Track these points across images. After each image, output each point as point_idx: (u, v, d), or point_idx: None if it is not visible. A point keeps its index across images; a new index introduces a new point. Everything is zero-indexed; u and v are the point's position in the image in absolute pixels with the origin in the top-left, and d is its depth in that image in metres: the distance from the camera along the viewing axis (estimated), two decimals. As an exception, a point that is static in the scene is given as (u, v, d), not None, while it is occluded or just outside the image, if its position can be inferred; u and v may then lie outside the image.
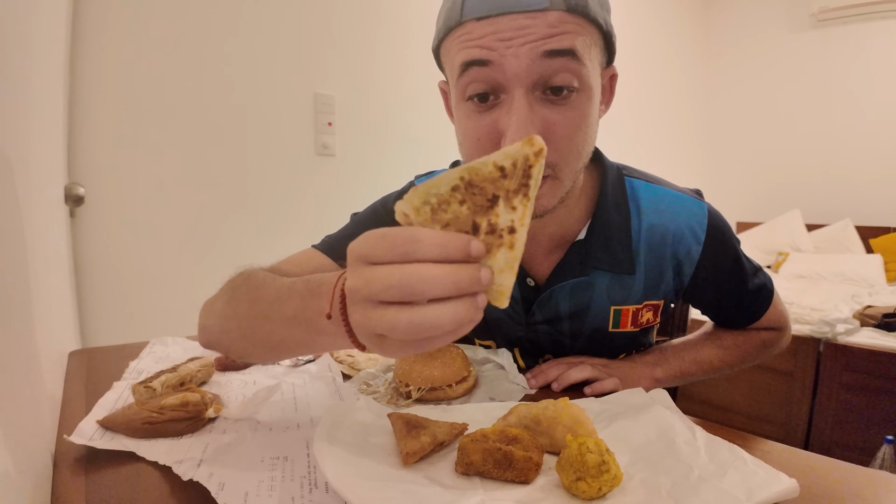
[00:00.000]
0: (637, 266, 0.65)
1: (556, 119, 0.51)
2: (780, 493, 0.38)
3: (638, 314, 0.68)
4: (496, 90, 0.52)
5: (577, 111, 0.52)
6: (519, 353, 0.74)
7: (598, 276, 0.66)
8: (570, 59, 0.49)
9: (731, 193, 3.89)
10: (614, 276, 0.65)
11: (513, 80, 0.49)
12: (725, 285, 0.72)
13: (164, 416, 0.50)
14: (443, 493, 0.39)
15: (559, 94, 0.51)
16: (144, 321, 1.54)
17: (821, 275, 2.89)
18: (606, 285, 0.66)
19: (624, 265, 0.64)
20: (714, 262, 0.68)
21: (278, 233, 1.80)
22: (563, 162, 0.54)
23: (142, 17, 1.50)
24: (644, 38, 3.35)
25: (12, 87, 0.51)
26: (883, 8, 3.09)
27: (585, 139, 0.55)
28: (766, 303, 0.76)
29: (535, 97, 0.51)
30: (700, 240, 0.66)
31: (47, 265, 0.71)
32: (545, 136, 0.50)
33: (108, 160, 1.47)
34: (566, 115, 0.51)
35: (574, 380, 0.64)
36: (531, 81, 0.50)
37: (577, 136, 0.53)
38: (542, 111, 0.51)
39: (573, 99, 0.51)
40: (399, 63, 2.11)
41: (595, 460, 0.39)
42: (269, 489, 0.41)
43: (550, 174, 0.54)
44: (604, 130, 0.66)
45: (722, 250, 0.69)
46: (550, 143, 0.50)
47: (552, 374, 0.65)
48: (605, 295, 0.66)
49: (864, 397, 1.82)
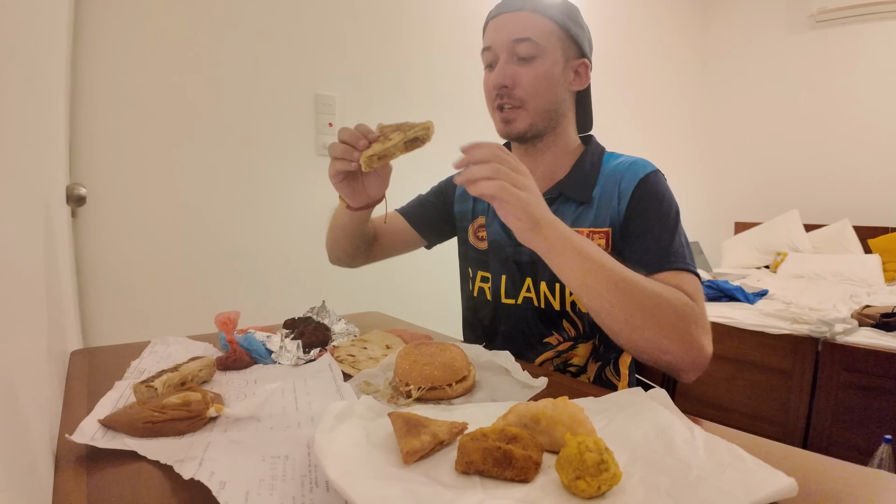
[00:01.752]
0: (593, 199, 0.85)
1: (522, 72, 0.82)
2: (778, 492, 0.38)
3: (590, 237, 0.83)
4: (494, 62, 0.84)
5: (536, 69, 0.82)
6: (505, 281, 0.91)
7: (567, 205, 0.87)
8: (530, 42, 0.81)
9: (730, 193, 3.90)
10: (577, 205, 0.86)
11: (499, 52, 0.83)
12: (645, 225, 0.79)
13: (166, 415, 0.51)
14: (443, 492, 0.40)
15: (524, 60, 0.82)
16: (146, 320, 1.54)
17: (819, 275, 2.90)
18: (569, 212, 0.86)
19: (583, 195, 0.85)
20: (642, 201, 0.81)
21: (279, 233, 1.80)
22: (527, 98, 0.83)
23: (143, 18, 1.51)
24: (643, 38, 3.35)
25: (13, 88, 0.51)
26: (882, 9, 3.09)
27: (547, 88, 0.83)
28: (675, 264, 0.73)
29: (513, 60, 0.83)
30: (636, 180, 0.82)
31: (49, 265, 0.71)
32: (515, 80, 0.82)
33: (110, 161, 1.47)
34: (529, 70, 0.82)
35: (473, 177, 0.63)
36: (508, 52, 0.82)
37: (536, 83, 0.82)
38: (514, 67, 0.82)
39: (534, 63, 0.82)
40: (399, 64, 2.12)
41: (594, 459, 0.39)
42: (269, 488, 0.41)
43: (520, 106, 0.83)
44: (604, 130, 0.73)
45: (652, 193, 0.81)
46: (519, 85, 0.82)
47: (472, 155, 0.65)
48: (568, 219, 0.85)
49: (862, 397, 1.83)
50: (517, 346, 0.87)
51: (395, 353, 0.68)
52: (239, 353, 0.74)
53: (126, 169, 1.51)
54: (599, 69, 3.10)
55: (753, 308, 2.28)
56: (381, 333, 0.86)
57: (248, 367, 0.73)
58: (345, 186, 0.80)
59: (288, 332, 0.82)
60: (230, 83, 1.69)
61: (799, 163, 3.52)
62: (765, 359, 2.07)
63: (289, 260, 1.81)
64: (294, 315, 0.91)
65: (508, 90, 0.83)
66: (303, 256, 1.82)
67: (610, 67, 3.11)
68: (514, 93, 0.83)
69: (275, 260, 1.80)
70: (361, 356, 0.75)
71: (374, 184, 0.82)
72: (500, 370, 0.70)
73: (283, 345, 0.76)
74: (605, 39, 3.06)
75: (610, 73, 3.11)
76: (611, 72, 3.12)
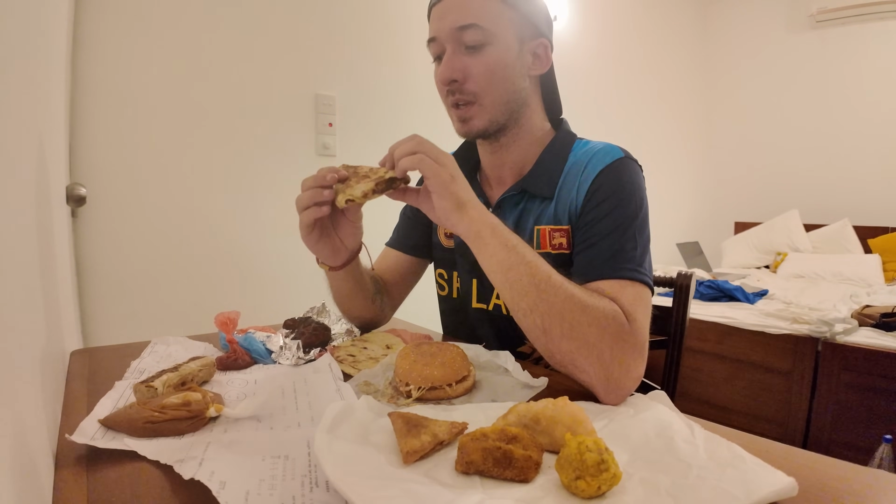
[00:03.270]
0: (556, 193, 0.78)
1: (472, 63, 0.74)
2: (778, 491, 0.38)
3: (550, 236, 0.78)
4: (442, 52, 0.76)
5: (487, 58, 0.74)
6: (476, 284, 0.86)
7: (532, 202, 0.80)
8: (475, 28, 0.72)
9: (730, 193, 3.90)
10: (540, 200, 0.79)
11: (444, 42, 0.75)
12: (595, 221, 0.71)
13: (166, 415, 0.50)
14: (443, 492, 0.40)
15: (472, 49, 0.74)
16: (146, 320, 1.54)
17: (819, 275, 2.90)
18: (534, 209, 0.80)
19: (546, 191, 0.79)
20: (598, 192, 0.73)
21: (279, 233, 1.80)
22: (482, 92, 0.75)
23: (143, 18, 1.51)
24: (643, 38, 3.35)
25: (14, 88, 0.51)
26: (881, 9, 3.09)
27: (502, 77, 0.75)
28: (621, 272, 0.66)
29: (460, 50, 0.74)
30: (598, 169, 0.74)
31: (49, 265, 0.71)
32: (466, 73, 0.74)
33: (110, 161, 1.48)
34: (479, 60, 0.74)
35: (399, 165, 0.63)
36: (454, 42, 0.74)
37: (489, 74, 0.74)
38: (462, 58, 0.74)
39: (485, 52, 0.74)
40: (399, 64, 2.12)
41: (594, 459, 0.39)
42: (269, 488, 0.41)
43: (475, 101, 0.76)
44: (604, 130, 0.73)
45: (611, 183, 0.73)
46: (470, 77, 0.74)
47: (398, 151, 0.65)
48: (532, 216, 0.80)
49: (862, 396, 1.83)
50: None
51: (395, 353, 0.68)
52: (239, 353, 0.74)
53: (126, 169, 1.51)
54: (599, 70, 3.11)
55: (753, 308, 2.28)
56: (381, 333, 0.86)
57: (248, 367, 0.73)
58: (322, 246, 0.74)
59: (288, 332, 0.82)
60: (230, 83, 1.69)
61: (799, 163, 3.52)
62: (765, 359, 2.07)
63: (289, 260, 1.81)
64: (294, 315, 0.91)
65: (459, 84, 0.74)
66: (303, 256, 1.80)
67: (610, 67, 3.11)
68: (465, 87, 0.74)
69: (275, 260, 1.80)
70: (361, 356, 0.75)
71: (349, 233, 0.76)
72: (500, 370, 0.70)
73: (283, 345, 0.76)
74: (605, 39, 3.06)
75: (610, 72, 3.11)
76: (611, 72, 3.12)
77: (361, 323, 0.92)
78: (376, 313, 0.91)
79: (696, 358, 2.25)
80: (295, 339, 0.77)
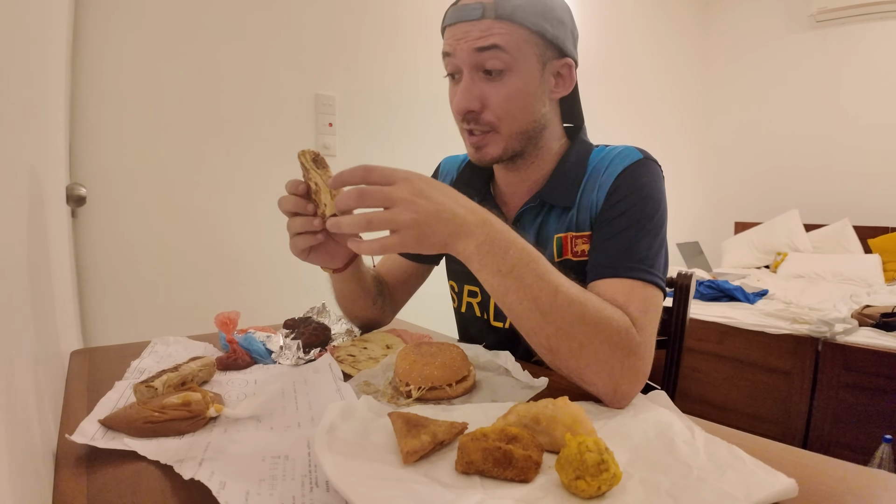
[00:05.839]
0: (577, 201, 0.76)
1: (491, 91, 0.70)
2: (778, 492, 0.38)
3: (572, 242, 0.76)
4: (458, 72, 0.72)
5: (508, 87, 0.70)
6: (494, 301, 0.76)
7: (552, 213, 0.78)
8: (497, 51, 0.67)
9: (730, 193, 3.90)
10: (561, 210, 0.77)
11: (461, 65, 0.70)
12: (612, 219, 0.70)
13: (166, 415, 0.50)
14: (443, 492, 0.40)
15: (492, 75, 0.70)
16: (146, 320, 1.54)
17: (819, 275, 2.90)
18: (553, 219, 0.78)
19: (565, 200, 0.76)
20: (616, 192, 0.72)
21: (279, 233, 1.79)
22: (499, 121, 0.71)
23: (143, 18, 1.51)
24: (643, 38, 3.35)
25: (13, 88, 0.51)
26: (882, 9, 3.09)
27: (522, 107, 0.71)
28: (634, 272, 0.65)
29: (479, 76, 0.70)
30: (618, 170, 0.73)
31: (49, 265, 0.71)
32: (484, 103, 0.70)
33: (110, 161, 1.48)
34: (499, 89, 0.70)
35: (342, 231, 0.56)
36: (472, 66, 0.70)
37: (508, 105, 0.70)
38: (481, 85, 0.70)
39: (505, 79, 0.70)
40: (399, 64, 2.12)
41: (594, 459, 0.39)
42: (269, 488, 0.41)
43: (491, 130, 0.72)
44: (604, 131, 0.73)
45: (630, 183, 0.71)
46: (488, 108, 0.71)
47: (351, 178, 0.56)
48: (552, 226, 0.78)
49: (862, 397, 1.83)
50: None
51: (395, 353, 0.68)
52: (239, 353, 0.74)
53: (126, 169, 1.51)
54: (599, 70, 3.11)
55: (753, 308, 2.28)
56: (381, 333, 0.86)
57: (248, 367, 0.73)
58: (316, 257, 0.71)
59: (288, 332, 0.82)
60: (230, 83, 1.69)
61: (799, 163, 3.52)
62: (765, 359, 2.07)
63: (289, 260, 1.78)
64: (294, 315, 0.91)
65: (476, 114, 0.71)
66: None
67: (610, 68, 3.11)
68: (482, 117, 0.71)
69: (275, 260, 1.80)
70: (361, 356, 0.75)
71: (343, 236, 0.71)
72: (500, 370, 0.70)
73: (284, 345, 0.76)
74: (605, 40, 3.06)
75: (610, 73, 3.11)
76: (611, 72, 3.12)
77: (362, 323, 0.91)
78: (377, 314, 0.91)
79: (695, 358, 2.25)
80: (295, 340, 0.77)
